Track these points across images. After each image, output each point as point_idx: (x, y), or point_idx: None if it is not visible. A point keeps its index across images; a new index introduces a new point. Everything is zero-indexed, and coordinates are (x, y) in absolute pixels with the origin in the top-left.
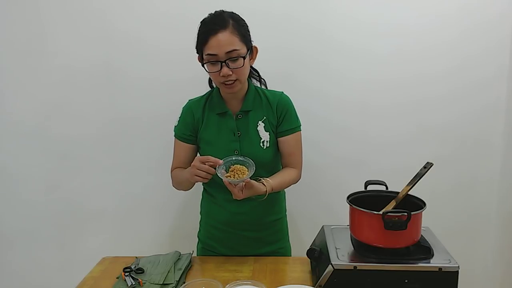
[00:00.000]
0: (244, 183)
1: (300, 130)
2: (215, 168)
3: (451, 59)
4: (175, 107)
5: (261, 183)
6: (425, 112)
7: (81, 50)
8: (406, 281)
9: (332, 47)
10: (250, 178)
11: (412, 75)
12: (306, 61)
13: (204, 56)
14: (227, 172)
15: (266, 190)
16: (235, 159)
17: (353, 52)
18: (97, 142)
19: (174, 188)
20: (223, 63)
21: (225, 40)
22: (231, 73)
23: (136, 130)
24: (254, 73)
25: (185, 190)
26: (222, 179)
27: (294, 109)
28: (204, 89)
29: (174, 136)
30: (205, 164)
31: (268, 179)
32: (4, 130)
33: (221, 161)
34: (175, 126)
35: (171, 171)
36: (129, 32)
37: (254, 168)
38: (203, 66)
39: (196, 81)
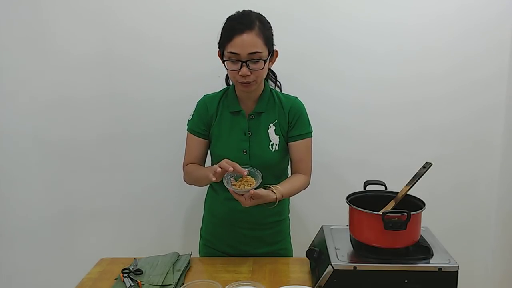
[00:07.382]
0: (250, 192)
1: (311, 137)
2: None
3: (451, 59)
4: (176, 107)
5: (270, 191)
6: (425, 112)
7: (82, 48)
8: (406, 281)
9: (332, 47)
10: (259, 185)
11: (412, 75)
12: (306, 61)
13: (226, 53)
14: (236, 181)
15: (276, 197)
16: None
17: (353, 52)
18: (96, 142)
19: (175, 189)
20: (244, 63)
21: (249, 41)
22: (249, 73)
23: (136, 130)
24: (271, 75)
25: (199, 186)
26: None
27: (307, 115)
28: (206, 88)
29: (187, 130)
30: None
31: (277, 186)
32: (4, 129)
33: (231, 168)
34: (188, 120)
35: (184, 165)
36: (131, 29)
37: (261, 179)
38: (223, 62)
39: (198, 82)
